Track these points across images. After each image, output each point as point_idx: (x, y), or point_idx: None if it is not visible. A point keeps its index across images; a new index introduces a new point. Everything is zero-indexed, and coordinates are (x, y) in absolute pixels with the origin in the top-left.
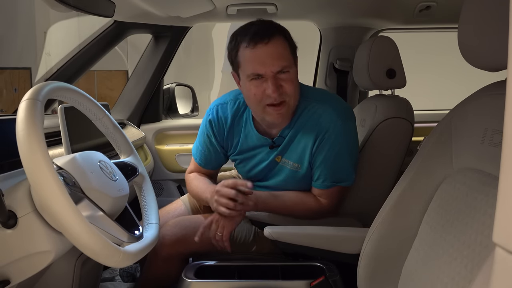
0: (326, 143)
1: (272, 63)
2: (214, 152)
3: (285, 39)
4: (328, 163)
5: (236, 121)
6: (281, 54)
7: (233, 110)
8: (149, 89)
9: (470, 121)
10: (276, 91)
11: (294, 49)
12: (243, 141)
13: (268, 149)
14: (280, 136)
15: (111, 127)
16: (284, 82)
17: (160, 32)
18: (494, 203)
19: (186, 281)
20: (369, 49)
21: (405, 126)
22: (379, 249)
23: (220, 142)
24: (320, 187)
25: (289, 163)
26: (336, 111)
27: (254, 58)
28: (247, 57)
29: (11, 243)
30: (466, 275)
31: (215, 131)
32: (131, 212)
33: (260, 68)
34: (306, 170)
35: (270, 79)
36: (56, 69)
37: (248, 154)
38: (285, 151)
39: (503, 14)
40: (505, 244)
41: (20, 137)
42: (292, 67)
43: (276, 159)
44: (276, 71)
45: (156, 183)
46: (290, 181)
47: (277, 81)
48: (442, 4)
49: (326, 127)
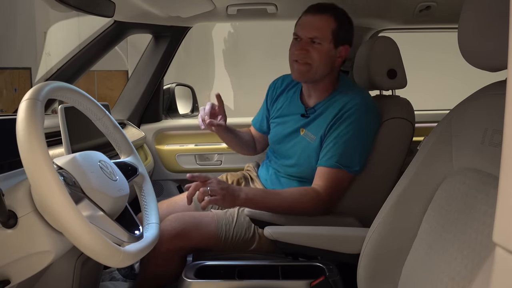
0: (343, 123)
1: (308, 29)
2: (262, 113)
3: (333, 20)
4: (340, 142)
5: (289, 89)
6: (319, 27)
7: (290, 80)
8: (149, 89)
9: (470, 121)
10: (300, 51)
11: (339, 33)
12: (286, 105)
13: (300, 117)
14: (313, 108)
15: (111, 127)
16: (312, 49)
17: (160, 32)
18: (494, 203)
19: (186, 281)
20: (370, 49)
21: (406, 126)
22: (379, 249)
23: (269, 105)
24: (325, 164)
25: (309, 135)
26: (364, 101)
27: (300, 23)
28: (298, 21)
29: (11, 243)
30: (466, 275)
31: (269, 94)
32: (131, 212)
33: (299, 30)
34: (318, 143)
35: (302, 41)
36: (56, 69)
37: (284, 119)
38: (309, 124)
39: (503, 14)
40: (505, 244)
41: (20, 137)
42: (326, 42)
43: (300, 130)
44: (308, 37)
45: (156, 183)
46: (303, 154)
47: (307, 45)
48: (442, 4)
49: (348, 108)
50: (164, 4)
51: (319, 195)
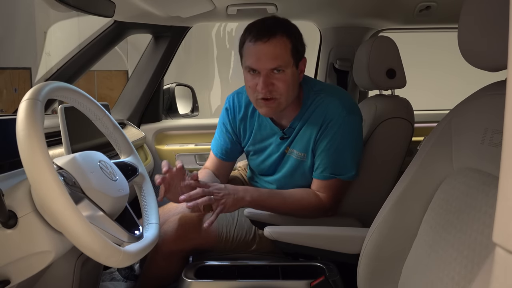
0: (329, 132)
1: (266, 61)
2: (230, 142)
3: (288, 40)
4: (329, 152)
5: (251, 111)
6: (277, 54)
7: (247, 100)
8: (149, 89)
9: (470, 121)
10: (265, 88)
11: (297, 50)
12: (256, 131)
13: (279, 140)
14: (290, 128)
15: (111, 127)
16: (277, 80)
17: (160, 32)
18: (494, 203)
19: (186, 281)
20: (369, 49)
21: (405, 126)
22: (379, 249)
23: (235, 130)
24: (319, 177)
25: (295, 152)
26: (342, 103)
27: (252, 53)
28: (248, 51)
29: (11, 243)
30: (466, 275)
31: (230, 119)
32: (131, 212)
33: (255, 63)
34: (311, 160)
35: (262, 75)
36: (56, 69)
37: (260, 145)
38: (292, 142)
39: (503, 14)
40: (505, 244)
41: (20, 137)
42: (289, 67)
43: (285, 150)
44: (269, 68)
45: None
46: (295, 172)
47: (270, 78)
48: (442, 4)
49: (330, 117)
50: (164, 4)
51: (321, 201)
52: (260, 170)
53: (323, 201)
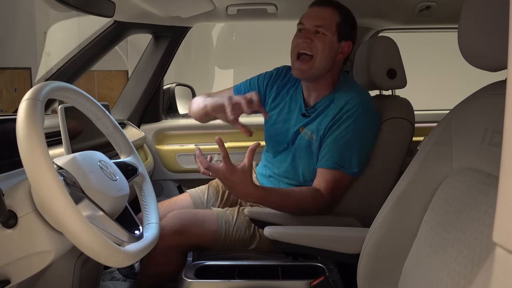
0: (342, 124)
1: (313, 19)
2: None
3: (338, 13)
4: (338, 144)
5: (291, 84)
6: (324, 17)
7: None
8: (149, 89)
9: (470, 121)
10: (305, 39)
11: (343, 27)
12: (287, 101)
13: (300, 116)
14: (313, 107)
15: (111, 127)
16: (316, 38)
17: (160, 32)
18: (494, 203)
19: (186, 281)
20: (369, 49)
21: (406, 126)
22: (379, 249)
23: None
24: (323, 165)
25: (307, 133)
26: (362, 101)
27: (305, 15)
28: (303, 15)
29: (11, 243)
30: (466, 275)
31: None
32: (131, 212)
33: (304, 19)
34: (318, 143)
35: (306, 31)
36: (56, 69)
37: (284, 116)
38: (309, 123)
39: (503, 14)
40: (505, 244)
41: (20, 137)
42: (331, 34)
43: (300, 129)
44: (314, 25)
45: (156, 183)
46: (301, 152)
47: (311, 34)
48: (442, 4)
49: (347, 109)
50: (164, 4)
51: (322, 195)
52: (274, 142)
53: (323, 194)
